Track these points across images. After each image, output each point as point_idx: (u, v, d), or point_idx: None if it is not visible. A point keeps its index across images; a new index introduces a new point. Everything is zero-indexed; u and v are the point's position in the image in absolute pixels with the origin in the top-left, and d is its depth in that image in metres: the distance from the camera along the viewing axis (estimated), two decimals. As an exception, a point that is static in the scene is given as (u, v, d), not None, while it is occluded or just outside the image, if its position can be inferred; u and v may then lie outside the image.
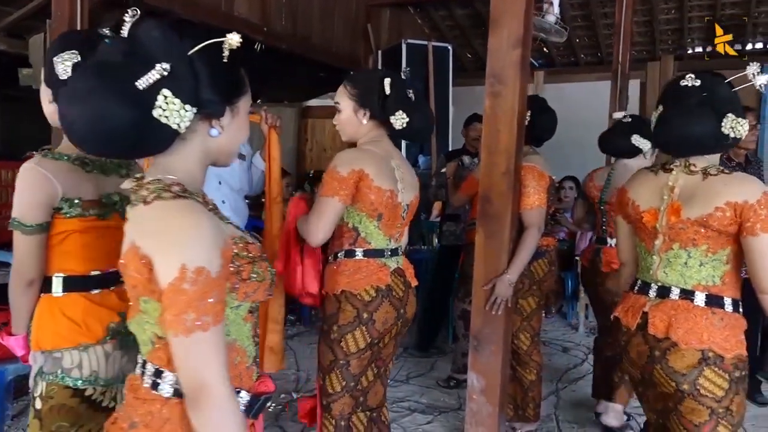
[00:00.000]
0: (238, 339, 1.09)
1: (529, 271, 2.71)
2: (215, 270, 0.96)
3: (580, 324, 4.81)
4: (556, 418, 3.18)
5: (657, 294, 1.72)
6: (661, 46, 6.80)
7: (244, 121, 1.13)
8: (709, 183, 1.65)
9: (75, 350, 1.55)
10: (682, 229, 1.67)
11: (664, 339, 1.66)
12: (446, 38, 6.83)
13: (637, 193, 1.81)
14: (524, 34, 2.39)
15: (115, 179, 1.61)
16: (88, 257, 1.59)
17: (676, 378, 1.64)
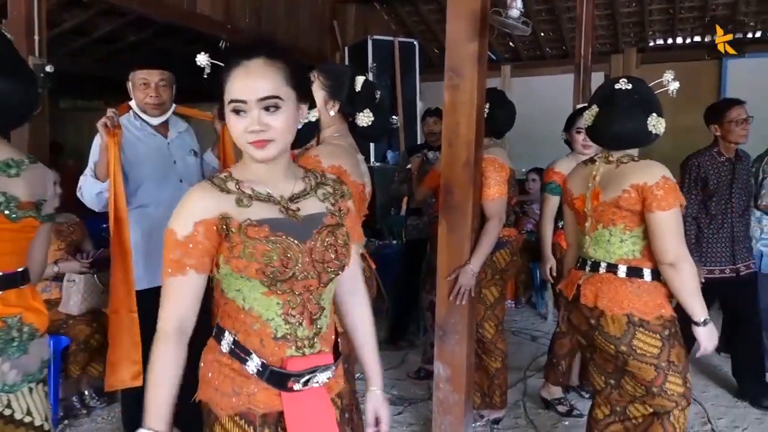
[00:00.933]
0: (255, 309, 1.24)
1: (492, 261, 2.76)
2: (181, 234, 1.19)
3: (548, 313, 4.89)
4: (524, 405, 3.24)
5: (590, 269, 1.99)
6: (623, 39, 6.92)
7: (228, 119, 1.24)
8: (620, 170, 1.93)
9: None
10: (602, 211, 1.94)
11: (593, 308, 1.93)
12: (412, 33, 6.87)
13: (572, 182, 2.11)
14: (481, 27, 2.43)
15: (2, 179, 1.49)
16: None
17: (613, 342, 1.90)
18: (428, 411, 3.04)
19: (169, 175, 2.47)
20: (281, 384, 1.23)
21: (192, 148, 2.64)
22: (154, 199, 2.40)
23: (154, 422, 1.16)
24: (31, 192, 1.55)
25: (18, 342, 1.52)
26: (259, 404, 1.23)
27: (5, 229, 1.50)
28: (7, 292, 1.53)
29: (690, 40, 6.82)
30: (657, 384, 1.89)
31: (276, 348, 1.24)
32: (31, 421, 1.58)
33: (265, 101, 1.17)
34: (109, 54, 5.78)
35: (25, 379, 1.54)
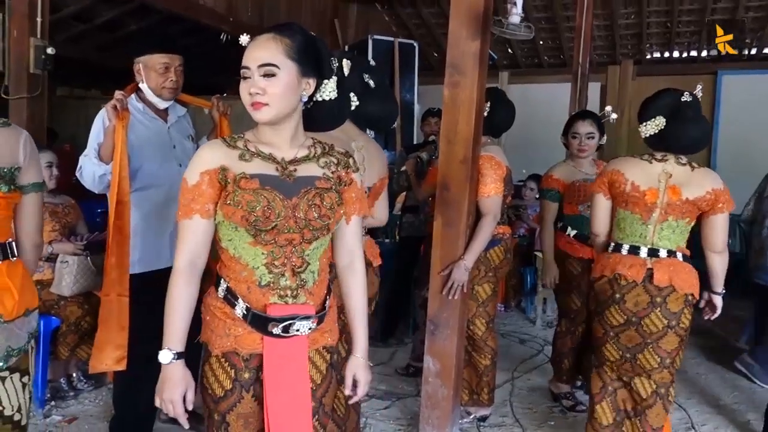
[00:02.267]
0: (243, 258, 1.38)
1: (485, 258, 2.78)
2: (191, 181, 1.36)
3: (537, 318, 4.92)
4: (511, 405, 3.26)
5: (648, 254, 2.28)
6: (621, 50, 7.01)
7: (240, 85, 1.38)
8: (697, 173, 2.28)
9: None
10: (678, 206, 2.25)
11: (665, 287, 2.23)
12: (413, 36, 6.91)
13: (634, 176, 2.30)
14: (483, 26, 2.46)
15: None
16: None
17: (668, 316, 2.24)
18: (416, 406, 3.06)
19: (169, 158, 2.47)
20: (263, 327, 1.38)
21: (189, 133, 2.65)
22: (153, 182, 2.40)
23: (172, 343, 1.35)
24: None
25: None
26: (243, 345, 1.38)
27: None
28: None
29: (686, 54, 6.92)
30: (672, 356, 2.28)
31: (260, 295, 1.39)
32: (1, 411, 1.50)
33: (263, 68, 1.33)
34: (109, 42, 5.78)
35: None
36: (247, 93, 1.34)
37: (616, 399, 2.41)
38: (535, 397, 3.38)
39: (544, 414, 3.18)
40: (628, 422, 2.40)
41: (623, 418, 2.41)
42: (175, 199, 2.45)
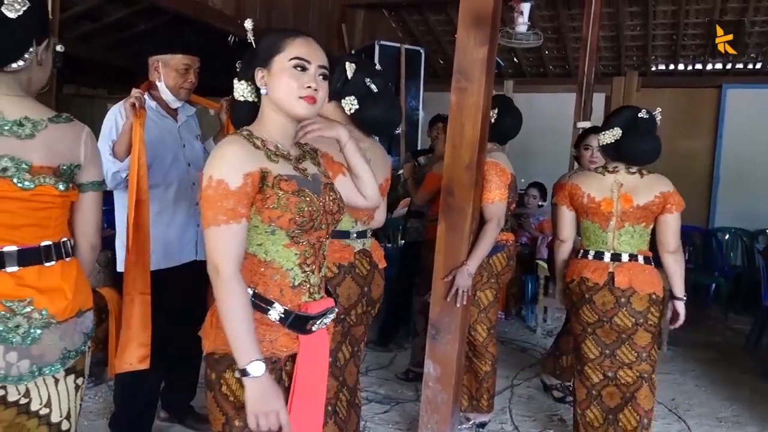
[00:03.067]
0: (277, 260, 1.37)
1: (488, 264, 2.78)
2: (233, 185, 1.27)
3: (538, 326, 4.91)
4: (510, 412, 3.25)
5: (611, 259, 2.46)
6: (626, 62, 7.02)
7: (280, 74, 1.36)
8: (645, 180, 2.45)
9: None
10: (632, 213, 2.43)
11: (627, 289, 2.40)
12: (419, 43, 6.94)
13: (590, 189, 2.50)
14: (491, 32, 2.47)
15: (11, 141, 1.34)
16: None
17: (635, 315, 2.41)
18: (415, 411, 3.06)
19: (179, 157, 2.48)
20: (302, 327, 1.38)
21: (197, 134, 2.67)
22: (163, 180, 2.40)
23: (252, 353, 1.27)
24: (50, 156, 1.38)
25: (24, 330, 1.34)
26: (280, 348, 1.37)
27: (14, 199, 1.34)
28: (24, 270, 1.36)
29: (691, 67, 6.93)
30: (648, 350, 2.44)
31: (293, 296, 1.38)
32: (48, 414, 1.42)
33: (322, 69, 1.38)
34: (117, 41, 5.81)
35: (35, 371, 1.37)
36: (302, 86, 1.34)
37: (602, 400, 2.55)
38: (534, 405, 3.38)
39: (543, 422, 3.17)
40: (621, 415, 2.52)
41: (616, 414, 2.53)
42: (184, 198, 2.49)
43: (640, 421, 2.49)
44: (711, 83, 6.79)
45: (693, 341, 4.61)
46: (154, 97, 2.45)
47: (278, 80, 1.35)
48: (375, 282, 2.11)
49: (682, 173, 2.67)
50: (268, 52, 1.36)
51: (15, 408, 1.38)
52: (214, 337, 1.35)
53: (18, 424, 1.39)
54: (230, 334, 1.27)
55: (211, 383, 1.38)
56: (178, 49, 2.42)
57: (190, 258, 2.54)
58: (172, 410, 2.81)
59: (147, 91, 2.43)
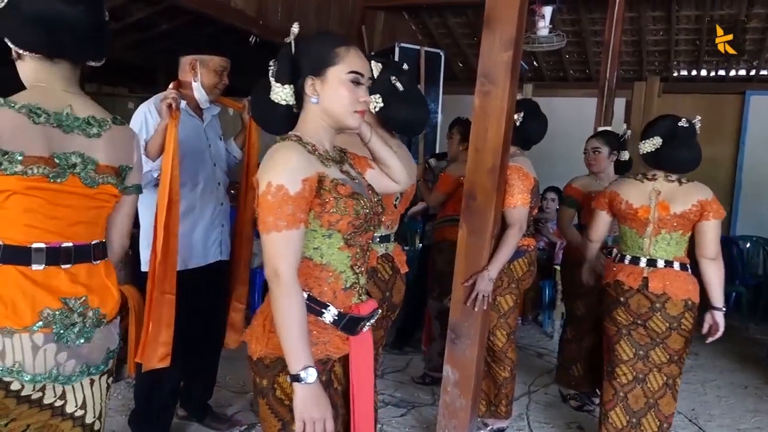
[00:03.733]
0: (332, 263, 1.38)
1: (509, 270, 2.76)
2: (293, 190, 1.27)
3: (555, 332, 4.87)
4: (527, 418, 3.23)
5: (647, 264, 2.52)
6: (648, 67, 6.95)
7: (337, 86, 1.37)
8: (684, 188, 2.49)
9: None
10: (669, 220, 2.47)
11: (661, 294, 2.45)
12: (438, 45, 6.91)
13: (628, 195, 2.56)
14: (516, 36, 2.45)
15: (80, 138, 1.37)
16: (32, 225, 1.32)
17: (669, 320, 2.45)
18: (431, 415, 3.04)
19: (206, 157, 2.49)
20: (353, 329, 1.40)
21: (220, 133, 2.68)
22: (189, 179, 2.41)
23: (306, 359, 1.28)
24: (112, 156, 1.42)
25: (80, 328, 1.35)
26: (334, 350, 1.38)
27: (79, 195, 1.36)
28: (77, 267, 1.37)
29: (714, 73, 6.84)
30: (680, 353, 2.49)
31: (345, 298, 1.41)
32: (82, 416, 1.42)
33: (369, 81, 1.42)
34: (138, 41, 5.85)
35: (84, 371, 1.38)
36: (357, 99, 1.37)
37: (627, 403, 2.58)
38: (552, 412, 3.35)
39: (561, 429, 3.14)
40: (644, 419, 2.57)
41: (639, 418, 2.57)
42: (210, 198, 2.49)
43: (660, 426, 2.55)
44: (734, 90, 6.69)
45: (714, 351, 4.54)
46: (183, 96, 2.46)
47: (334, 92, 1.36)
48: (396, 287, 2.10)
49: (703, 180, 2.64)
50: (321, 61, 1.36)
51: (50, 410, 1.38)
52: (266, 341, 1.35)
53: (52, 425, 1.39)
54: (286, 339, 1.27)
55: (262, 390, 1.37)
56: (217, 50, 2.45)
57: (215, 258, 2.56)
58: (190, 409, 2.82)
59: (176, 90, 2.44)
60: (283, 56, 1.38)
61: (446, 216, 3.52)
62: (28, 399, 1.34)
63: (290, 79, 1.38)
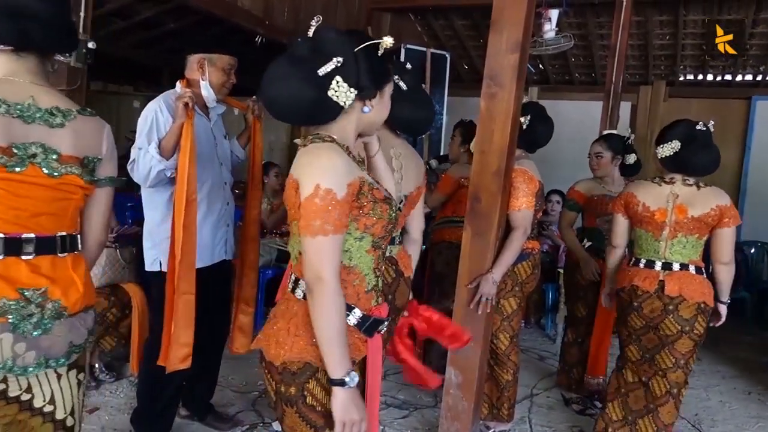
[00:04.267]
0: (359, 266, 1.38)
1: (513, 273, 2.76)
2: (340, 194, 1.26)
3: (557, 335, 4.85)
4: (530, 421, 3.22)
5: (662, 267, 2.53)
6: (654, 71, 6.94)
7: (387, 101, 1.42)
8: (702, 192, 2.51)
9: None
10: (686, 223, 2.49)
11: (676, 297, 2.47)
12: (444, 47, 6.91)
13: (645, 198, 2.57)
14: (523, 38, 2.45)
15: (42, 129, 1.35)
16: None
17: (681, 322, 2.47)
18: (434, 417, 3.04)
19: (212, 156, 2.50)
20: (372, 331, 1.39)
21: (225, 133, 2.68)
22: (198, 178, 2.41)
23: (347, 364, 1.28)
24: (77, 146, 1.39)
25: (37, 319, 1.32)
26: (357, 353, 1.37)
27: (40, 185, 1.34)
28: (39, 259, 1.35)
29: (720, 78, 6.82)
30: (686, 358, 2.50)
31: (366, 300, 1.40)
32: (52, 411, 1.40)
33: None
34: (145, 40, 5.87)
35: (42, 363, 1.34)
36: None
37: (627, 400, 2.65)
38: (554, 415, 3.33)
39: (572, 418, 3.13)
40: (640, 421, 2.61)
41: (635, 418, 2.62)
42: (217, 198, 2.49)
43: (657, 431, 2.58)
44: (740, 95, 6.68)
45: (717, 356, 4.53)
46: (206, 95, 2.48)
47: (384, 106, 1.41)
48: (400, 290, 2.09)
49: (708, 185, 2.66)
50: (385, 75, 1.39)
51: (17, 404, 1.37)
52: (290, 345, 1.32)
53: (21, 421, 1.38)
54: (329, 344, 1.26)
55: (290, 398, 1.33)
56: (225, 49, 2.46)
57: (220, 257, 2.56)
58: (192, 408, 2.82)
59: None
60: (362, 58, 1.30)
61: (445, 217, 3.52)
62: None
63: (357, 84, 1.31)
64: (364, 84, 1.31)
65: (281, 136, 7.35)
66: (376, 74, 1.33)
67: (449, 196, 3.45)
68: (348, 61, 1.29)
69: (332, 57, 1.28)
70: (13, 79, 1.36)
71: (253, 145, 2.67)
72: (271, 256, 4.42)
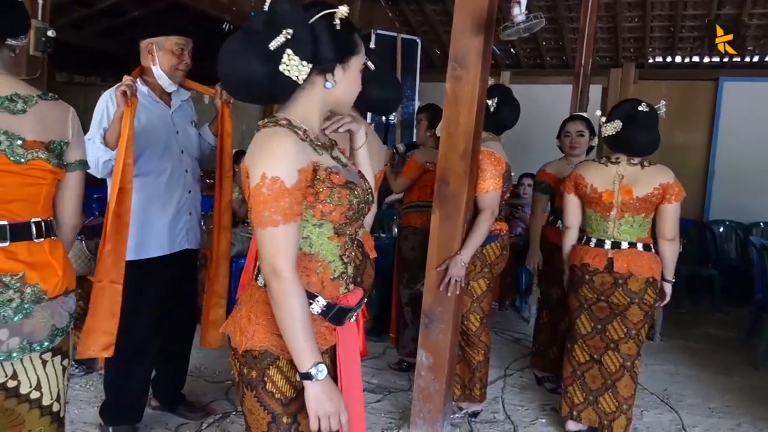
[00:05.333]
0: (321, 253, 1.33)
1: (482, 254, 2.77)
2: (290, 182, 1.20)
3: (531, 317, 4.90)
4: (503, 401, 3.25)
5: (611, 246, 2.61)
6: (623, 53, 7.00)
7: (355, 77, 1.34)
8: (646, 171, 2.56)
9: None
10: (631, 203, 2.54)
11: (624, 273, 2.55)
12: (415, 32, 6.89)
13: (593, 179, 2.62)
14: (487, 20, 2.45)
15: (3, 116, 1.36)
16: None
17: (630, 295, 2.56)
18: (407, 400, 3.06)
19: (171, 145, 2.45)
20: (341, 319, 1.35)
21: (192, 119, 2.63)
22: (155, 168, 2.37)
23: (316, 355, 1.24)
24: (41, 131, 1.40)
25: (17, 304, 1.35)
26: (322, 341, 1.32)
27: (7, 172, 1.35)
28: (15, 245, 1.37)
29: (689, 60, 6.91)
30: (638, 328, 2.59)
31: (333, 288, 1.36)
32: (39, 398, 1.42)
33: None
34: (109, 28, 5.76)
35: (26, 347, 1.37)
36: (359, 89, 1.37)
37: (585, 381, 2.72)
38: (527, 395, 3.38)
39: (535, 412, 3.17)
40: (601, 398, 2.68)
41: (596, 397, 2.69)
42: (177, 186, 2.46)
43: (619, 406, 2.65)
44: (708, 76, 6.77)
45: (686, 333, 4.62)
46: (147, 82, 2.42)
47: (351, 82, 1.33)
48: (366, 272, 2.10)
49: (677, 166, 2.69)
50: (348, 48, 1.30)
51: (4, 391, 1.38)
52: (252, 333, 1.30)
53: (8, 409, 1.38)
54: (292, 337, 1.23)
55: (250, 381, 1.32)
56: (171, 30, 2.38)
57: (182, 247, 2.52)
58: (163, 399, 2.80)
59: (139, 77, 2.39)
60: (318, 30, 1.23)
61: (410, 202, 3.52)
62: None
63: (312, 57, 1.23)
64: (322, 56, 1.24)
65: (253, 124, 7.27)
66: (336, 46, 1.25)
67: (414, 180, 3.45)
68: (300, 33, 1.21)
69: (282, 29, 1.20)
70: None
71: (222, 131, 2.61)
72: (243, 245, 4.38)
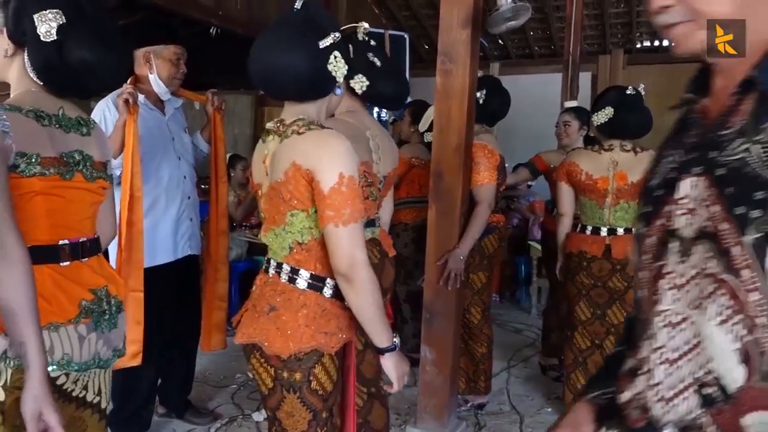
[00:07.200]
0: None
1: (480, 247, 2.78)
2: (357, 179, 1.30)
3: (532, 307, 4.93)
4: (508, 393, 3.27)
5: (609, 232, 2.62)
6: (611, 39, 7.00)
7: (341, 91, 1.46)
8: (640, 157, 2.55)
9: (45, 330, 1.27)
10: (626, 190, 2.55)
11: (622, 258, 2.56)
12: (403, 28, 6.88)
13: (588, 167, 2.62)
14: (474, 13, 2.45)
15: (77, 138, 1.42)
16: (56, 224, 1.38)
17: (629, 280, 2.55)
18: (412, 396, 3.06)
19: (168, 152, 2.45)
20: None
21: (185, 126, 2.64)
22: (153, 175, 2.37)
23: (390, 332, 1.38)
24: (100, 152, 1.49)
25: (109, 315, 1.42)
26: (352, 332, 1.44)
27: (83, 190, 1.42)
28: (91, 260, 1.43)
29: (676, 43, 6.92)
30: None
31: None
32: (98, 402, 1.46)
33: None
34: (97, 38, 5.72)
35: (114, 356, 1.45)
36: None
37: (587, 367, 2.70)
38: (531, 385, 3.39)
39: (540, 401, 3.19)
40: None
41: None
42: (176, 192, 2.46)
43: None
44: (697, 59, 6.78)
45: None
46: (142, 90, 2.41)
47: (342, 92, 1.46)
48: (386, 271, 2.07)
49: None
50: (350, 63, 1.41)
51: (76, 402, 1.41)
52: (300, 336, 1.34)
53: (78, 418, 1.42)
54: (373, 317, 1.33)
55: (294, 384, 1.36)
56: (169, 39, 2.40)
57: (185, 253, 2.52)
58: (169, 405, 2.80)
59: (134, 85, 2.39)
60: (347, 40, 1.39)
61: (400, 199, 3.50)
62: (64, 393, 1.38)
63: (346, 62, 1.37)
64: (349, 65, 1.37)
65: (245, 129, 7.27)
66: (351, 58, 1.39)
67: (401, 177, 3.43)
68: (340, 39, 1.33)
69: (329, 32, 1.31)
70: (35, 90, 1.39)
71: (215, 137, 2.62)
72: (241, 249, 4.39)
